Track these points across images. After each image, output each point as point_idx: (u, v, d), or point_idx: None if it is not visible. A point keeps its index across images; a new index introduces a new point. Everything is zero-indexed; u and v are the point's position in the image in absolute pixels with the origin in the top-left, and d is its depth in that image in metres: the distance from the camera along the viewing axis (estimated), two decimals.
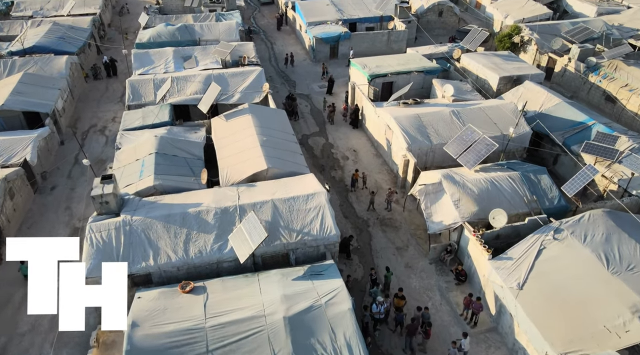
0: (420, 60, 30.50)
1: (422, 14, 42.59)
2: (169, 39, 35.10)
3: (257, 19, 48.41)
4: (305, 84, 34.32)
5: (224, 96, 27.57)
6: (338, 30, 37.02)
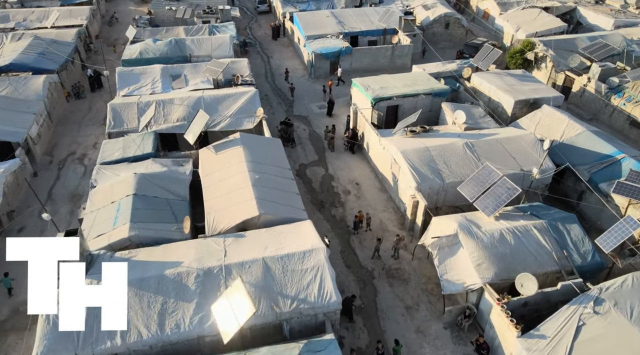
0: (427, 81, 28.13)
1: (427, 26, 40.24)
2: (157, 55, 32.74)
3: (253, 30, 46.05)
4: (303, 104, 31.94)
5: (214, 122, 25.24)
6: (338, 45, 34.66)
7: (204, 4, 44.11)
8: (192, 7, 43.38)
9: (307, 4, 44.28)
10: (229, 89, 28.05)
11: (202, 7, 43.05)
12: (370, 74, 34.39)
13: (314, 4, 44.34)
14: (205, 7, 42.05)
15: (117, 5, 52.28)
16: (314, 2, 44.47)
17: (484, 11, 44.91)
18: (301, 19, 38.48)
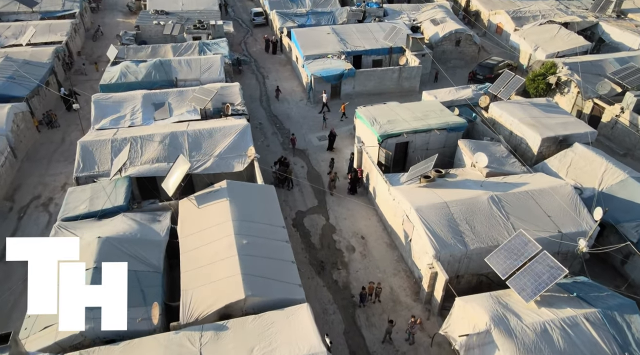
0: (441, 113, 24.93)
1: (437, 43, 37.05)
2: (140, 79, 29.54)
3: (248, 45, 42.84)
4: (302, 134, 28.72)
5: (198, 163, 22.06)
6: (340, 66, 31.45)
7: (195, 18, 40.93)
8: (182, 21, 40.22)
9: (306, 18, 41.11)
10: (217, 122, 24.87)
11: (193, 21, 39.86)
12: (375, 97, 31.47)
13: (314, 18, 41.17)
14: (196, 22, 38.85)
15: (104, 17, 49.09)
16: (313, 16, 41.29)
17: (496, 26, 41.74)
18: (300, 36, 35.30)
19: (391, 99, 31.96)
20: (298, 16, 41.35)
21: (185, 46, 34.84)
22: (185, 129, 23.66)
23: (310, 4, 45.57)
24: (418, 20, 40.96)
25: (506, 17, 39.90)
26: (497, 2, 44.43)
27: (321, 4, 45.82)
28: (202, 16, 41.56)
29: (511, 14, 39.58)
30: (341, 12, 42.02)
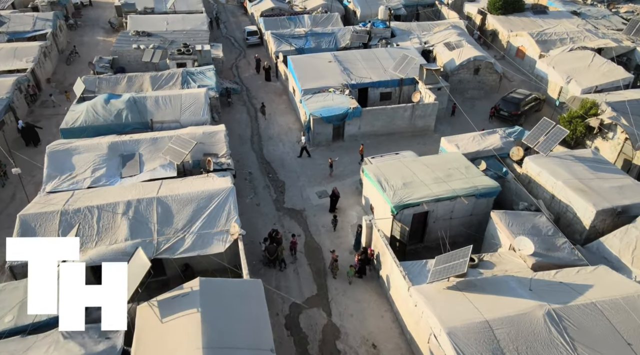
0: (466, 171, 20.51)
1: (453, 71, 32.63)
2: (108, 121, 25.14)
3: (240, 70, 38.40)
4: (298, 188, 24.30)
5: (169, 243, 17.71)
6: (344, 104, 27.01)
7: (181, 39, 36.51)
8: (165, 43, 35.80)
9: (304, 40, 36.71)
10: (195, 182, 20.46)
11: (179, 44, 35.43)
12: (384, 138, 27.41)
13: (314, 40, 36.77)
14: (181, 46, 34.43)
15: (83, 35, 44.65)
16: (313, 38, 36.90)
17: (517, 49, 37.32)
18: (297, 65, 30.87)
19: (402, 140, 27.79)
20: (296, 38, 36.95)
21: (167, 76, 30.41)
22: (156, 194, 19.30)
23: (309, 22, 41.26)
24: (430, 43, 36.54)
25: (529, 40, 35.48)
26: (516, 22, 40.06)
27: (321, 23, 41.49)
28: (189, 37, 37.15)
29: (535, 37, 35.15)
30: (344, 34, 37.63)
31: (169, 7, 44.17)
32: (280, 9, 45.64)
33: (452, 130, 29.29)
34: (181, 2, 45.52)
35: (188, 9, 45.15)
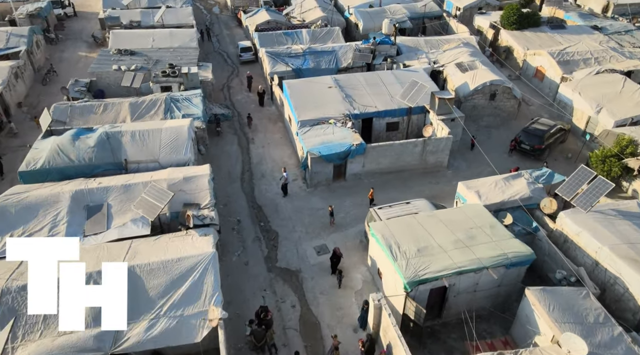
0: (492, 231, 17.29)
1: (466, 96, 29.41)
2: (75, 162, 21.90)
3: (232, 91, 35.17)
4: (294, 242, 21.06)
5: (135, 330, 14.48)
6: (346, 140, 23.80)
7: (167, 58, 33.26)
8: (150, 63, 32.54)
9: (302, 60, 33.49)
10: (172, 246, 17.22)
11: (165, 63, 32.19)
12: (392, 177, 24.30)
13: (312, 59, 33.56)
14: (166, 67, 31.19)
15: (64, 50, 41.41)
16: (311, 57, 33.69)
17: (535, 69, 34.11)
18: (293, 91, 27.67)
19: (412, 179, 24.75)
20: (293, 57, 33.72)
21: (148, 103, 27.16)
22: (122, 262, 16.06)
23: (308, 38, 38.03)
24: (440, 62, 33.32)
25: (549, 61, 32.26)
26: (532, 38, 36.86)
27: (321, 38, 38.27)
28: (176, 56, 33.90)
29: (556, 57, 31.92)
30: (345, 52, 34.41)
31: (157, 20, 40.96)
32: (277, 21, 42.43)
33: (468, 166, 26.17)
34: (170, 15, 42.31)
35: (177, 22, 41.90)
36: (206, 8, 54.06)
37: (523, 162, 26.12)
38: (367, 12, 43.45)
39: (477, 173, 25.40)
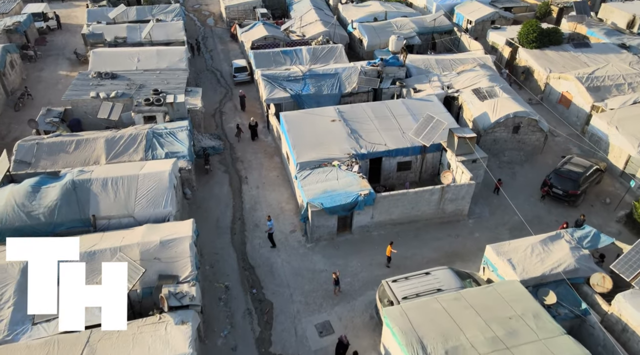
0: (536, 322, 14.04)
1: (486, 129, 26.13)
2: (35, 220, 18.61)
3: (225, 118, 31.85)
4: (291, 317, 17.72)
5: None
6: (352, 188, 20.50)
7: (153, 82, 30.00)
8: (133, 88, 29.26)
9: (301, 84, 30.22)
10: (139, 342, 13.92)
11: (148, 89, 28.92)
12: (404, 227, 21.20)
13: (313, 83, 30.28)
14: (151, 92, 27.94)
15: (43, 69, 38.12)
16: (312, 81, 30.42)
17: (560, 95, 30.82)
18: (292, 125, 24.39)
19: (428, 231, 21.52)
20: (291, 81, 30.43)
21: (127, 139, 23.92)
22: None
23: (308, 57, 34.73)
24: (454, 86, 30.05)
25: (577, 86, 28.99)
26: (554, 57, 33.61)
27: (323, 57, 34.96)
28: (163, 79, 30.59)
29: (585, 83, 28.63)
30: (349, 74, 31.11)
31: (144, 37, 37.66)
32: (275, 37, 39.16)
33: (491, 212, 22.91)
34: (159, 30, 39.01)
35: (167, 38, 38.61)
36: (200, 20, 50.80)
37: (555, 209, 22.89)
38: (372, 27, 40.22)
39: (502, 222, 22.21)
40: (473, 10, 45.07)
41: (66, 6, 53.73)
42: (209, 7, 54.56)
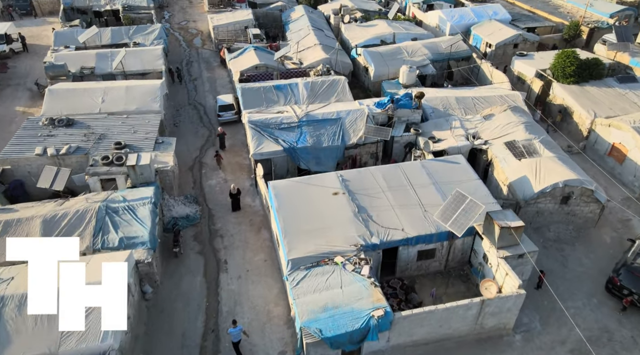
0: None
1: (527, 200, 20.80)
2: None
3: (205, 172, 26.53)
4: None
5: None
6: (362, 306, 15.11)
7: (117, 131, 24.79)
8: (91, 140, 24.01)
9: (297, 133, 24.95)
10: None
11: (110, 141, 23.69)
12: (429, 348, 15.43)
13: (310, 132, 25.03)
14: (112, 148, 22.71)
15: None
16: (309, 129, 25.17)
17: (611, 146, 25.51)
18: (282, 200, 19.08)
19: (461, 350, 15.97)
20: (285, 129, 25.14)
21: (72, 219, 18.77)
22: None
23: (305, 93, 29.51)
24: (481, 136, 24.79)
25: (634, 138, 23.68)
26: (598, 96, 28.36)
27: (323, 93, 29.77)
28: (130, 127, 25.34)
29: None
30: (354, 119, 25.84)
31: (115, 67, 32.40)
32: (267, 66, 33.90)
33: (543, 323, 17.57)
34: (134, 59, 33.68)
35: (143, 68, 33.33)
36: (186, 40, 45.51)
37: (628, 318, 17.53)
38: (379, 54, 34.94)
39: (559, 339, 16.96)
40: (492, 31, 39.81)
41: (38, 23, 48.58)
42: (197, 25, 49.30)
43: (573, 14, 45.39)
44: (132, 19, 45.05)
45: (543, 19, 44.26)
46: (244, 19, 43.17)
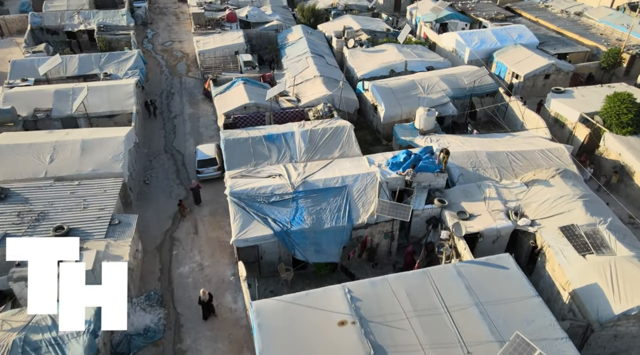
0: None
1: (603, 323, 15.37)
2: None
3: (175, 254, 21.14)
4: None
5: None
6: None
7: (63, 205, 19.45)
8: (25, 221, 18.65)
9: (291, 210, 19.58)
10: None
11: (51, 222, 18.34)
12: None
13: (308, 207, 19.67)
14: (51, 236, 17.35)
15: None
16: (306, 204, 19.80)
17: None
18: (268, 333, 13.65)
19: None
20: (276, 204, 19.76)
21: None
22: None
23: (303, 145, 24.26)
24: (527, 213, 19.39)
25: None
26: None
27: (324, 145, 24.59)
28: (81, 199, 20.00)
29: None
30: (364, 187, 20.51)
31: (76, 109, 27.04)
32: (258, 106, 28.59)
33: None
34: (99, 97, 28.34)
35: (110, 109, 28.01)
36: (169, 65, 40.20)
37: None
38: (389, 91, 29.62)
39: None
40: (519, 59, 34.49)
41: (4, 44, 43.29)
42: (183, 46, 44.03)
43: (607, 35, 40.09)
44: (109, 40, 39.82)
45: (574, 42, 38.91)
46: (233, 42, 37.86)
